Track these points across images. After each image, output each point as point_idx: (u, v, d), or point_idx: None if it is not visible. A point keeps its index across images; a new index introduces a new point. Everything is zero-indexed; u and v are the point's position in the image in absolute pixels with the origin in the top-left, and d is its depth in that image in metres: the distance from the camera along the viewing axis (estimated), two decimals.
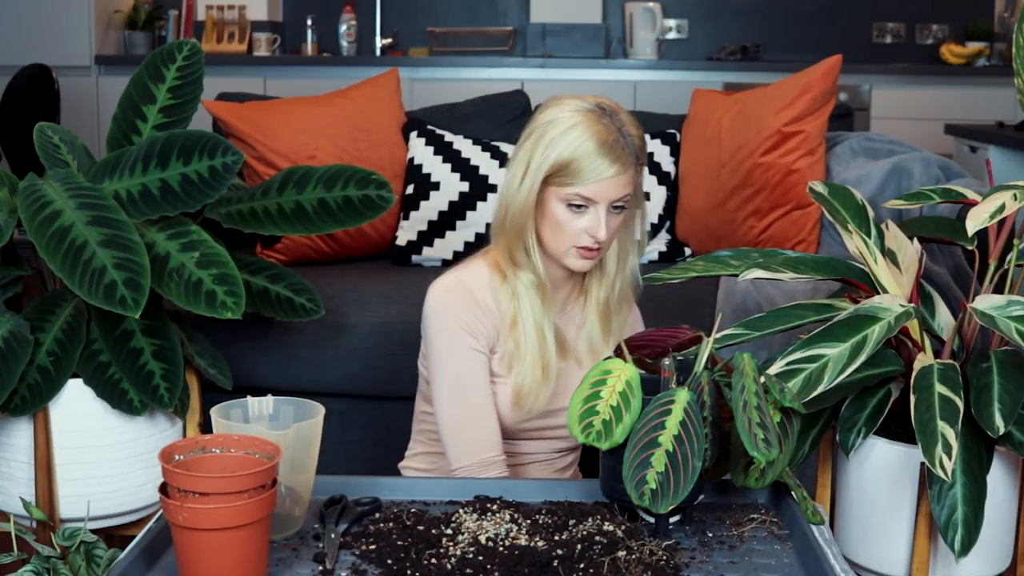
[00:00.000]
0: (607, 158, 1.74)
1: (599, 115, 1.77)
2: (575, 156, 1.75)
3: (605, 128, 1.76)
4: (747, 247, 2.36)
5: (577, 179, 1.75)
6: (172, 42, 2.23)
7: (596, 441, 1.42)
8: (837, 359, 1.67)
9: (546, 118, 1.79)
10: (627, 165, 1.77)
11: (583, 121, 1.76)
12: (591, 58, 5.64)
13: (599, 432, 1.42)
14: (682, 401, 1.40)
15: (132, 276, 1.85)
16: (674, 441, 1.37)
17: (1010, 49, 4.20)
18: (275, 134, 2.93)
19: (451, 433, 1.82)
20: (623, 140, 1.77)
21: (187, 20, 5.79)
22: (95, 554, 1.44)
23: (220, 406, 1.46)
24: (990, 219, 1.72)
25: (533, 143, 1.79)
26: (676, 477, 1.36)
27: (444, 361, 1.82)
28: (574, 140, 1.75)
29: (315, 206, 2.25)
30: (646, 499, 1.35)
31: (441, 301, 1.83)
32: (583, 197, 1.76)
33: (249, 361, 2.54)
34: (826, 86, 2.70)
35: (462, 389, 1.81)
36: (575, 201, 1.77)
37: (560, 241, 1.80)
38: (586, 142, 1.75)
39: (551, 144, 1.76)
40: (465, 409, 1.81)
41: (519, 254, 1.82)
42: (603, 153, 1.74)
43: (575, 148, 1.75)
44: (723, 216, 2.82)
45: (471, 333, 1.81)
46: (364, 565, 1.35)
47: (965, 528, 1.68)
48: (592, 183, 1.75)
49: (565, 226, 1.78)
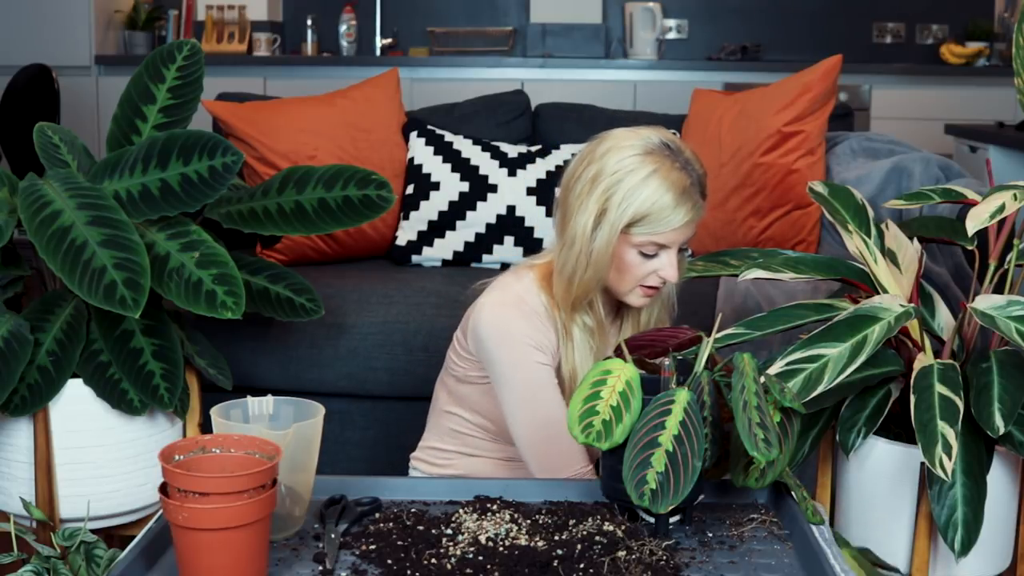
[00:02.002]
0: (685, 207, 1.73)
1: (671, 157, 1.74)
2: (655, 208, 1.72)
3: (681, 174, 1.73)
4: (747, 247, 2.36)
5: (654, 228, 1.73)
6: (172, 42, 2.23)
7: (596, 441, 1.42)
8: (837, 359, 1.67)
9: (614, 164, 1.73)
10: (699, 208, 1.76)
11: (659, 168, 1.72)
12: (591, 58, 5.64)
13: (599, 432, 1.42)
14: (682, 401, 1.40)
15: (132, 276, 1.85)
16: (674, 441, 1.37)
17: (1010, 49, 4.20)
18: (275, 134, 2.93)
19: (535, 450, 1.80)
20: (697, 183, 1.75)
21: (187, 20, 5.79)
22: (95, 554, 1.44)
23: (220, 406, 1.46)
24: (990, 219, 1.72)
25: (605, 192, 1.73)
26: (676, 477, 1.36)
27: (515, 377, 1.79)
28: (654, 191, 1.72)
29: (315, 206, 2.25)
30: (646, 499, 1.35)
31: (502, 317, 1.81)
32: (658, 244, 1.75)
33: (249, 361, 2.54)
34: (826, 86, 2.70)
35: (538, 405, 1.79)
36: (648, 250, 1.76)
37: (626, 283, 1.79)
38: (666, 194, 1.72)
39: (628, 196, 1.72)
40: (545, 424, 1.79)
41: (582, 301, 1.80)
42: (682, 203, 1.73)
43: (655, 200, 1.72)
44: (723, 216, 2.82)
45: (538, 347, 1.80)
46: (364, 565, 1.35)
47: (965, 528, 1.68)
48: (669, 231, 1.74)
49: (635, 269, 1.77)
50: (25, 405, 1.99)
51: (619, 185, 1.73)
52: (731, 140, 2.80)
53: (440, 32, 5.89)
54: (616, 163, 1.74)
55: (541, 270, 1.86)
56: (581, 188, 1.76)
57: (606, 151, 1.76)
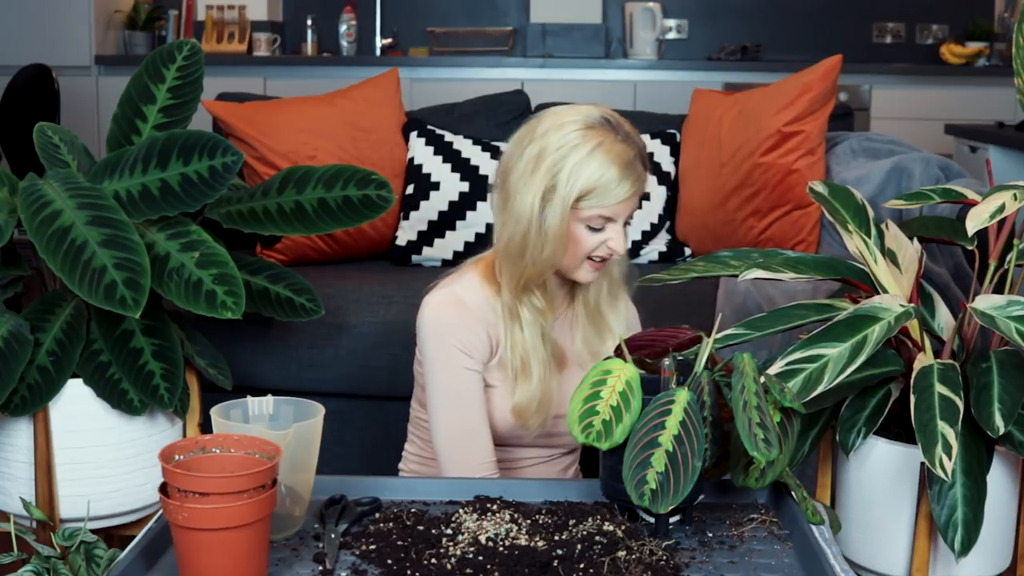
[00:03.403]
0: (630, 178, 1.73)
1: (612, 131, 1.74)
2: (602, 182, 1.72)
3: (623, 146, 1.73)
4: (747, 247, 2.36)
5: (602, 201, 1.73)
6: (172, 42, 2.23)
7: (596, 441, 1.42)
8: (837, 359, 1.67)
9: (557, 140, 1.74)
10: (642, 179, 1.76)
11: (603, 142, 1.72)
12: (591, 58, 5.64)
13: (599, 432, 1.42)
14: (682, 401, 1.40)
15: (132, 276, 1.85)
16: (674, 441, 1.37)
17: (1010, 49, 4.20)
18: (275, 134, 2.93)
19: (445, 448, 1.82)
20: (639, 156, 1.75)
21: (187, 20, 5.79)
22: (95, 554, 1.44)
23: (220, 406, 1.46)
24: (990, 219, 1.72)
25: (551, 168, 1.73)
26: (676, 477, 1.36)
27: (439, 378, 1.81)
28: (600, 165, 1.71)
29: (315, 206, 2.25)
30: (646, 499, 1.35)
31: (435, 318, 1.81)
32: (605, 218, 1.75)
33: (249, 361, 2.54)
34: (826, 86, 2.70)
35: (457, 408, 1.81)
36: (596, 223, 1.75)
37: (575, 258, 1.78)
38: (611, 167, 1.71)
39: (575, 171, 1.72)
40: (460, 427, 1.81)
41: (535, 281, 1.80)
42: (627, 175, 1.72)
43: (602, 174, 1.71)
44: (723, 216, 2.82)
45: (466, 352, 1.80)
46: (364, 565, 1.35)
47: (965, 528, 1.68)
48: (616, 204, 1.74)
49: (583, 243, 1.76)
50: (25, 405, 1.99)
51: (565, 161, 1.72)
52: (731, 140, 2.80)
53: (440, 32, 5.89)
54: (559, 139, 1.73)
55: (484, 263, 1.86)
56: (524, 167, 1.75)
57: (547, 129, 1.75)
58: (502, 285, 1.81)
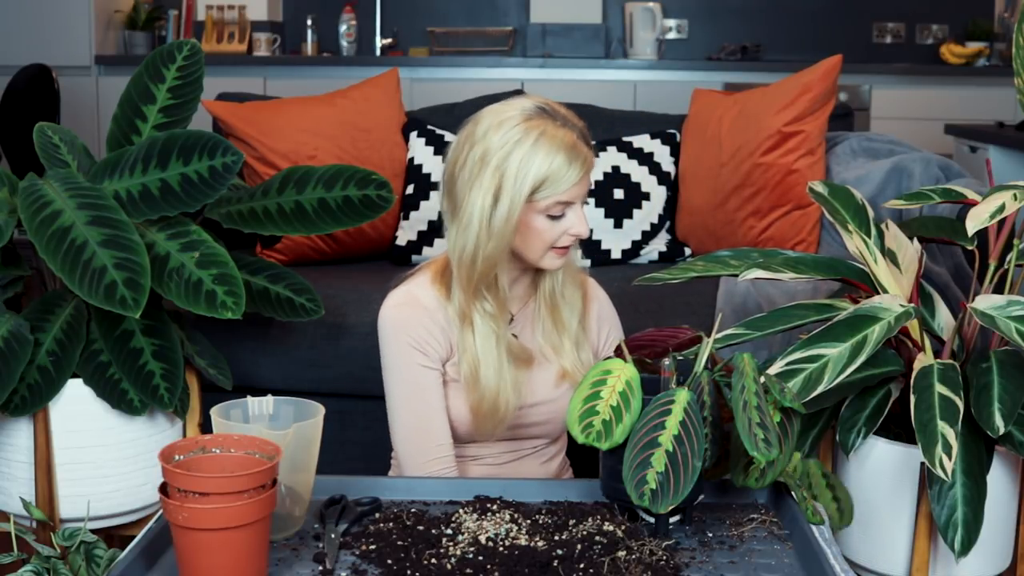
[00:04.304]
0: (578, 161, 1.73)
1: (551, 118, 1.75)
2: (552, 170, 1.72)
3: (564, 131, 1.74)
4: (747, 247, 2.36)
5: (556, 189, 1.73)
6: (172, 42, 2.23)
7: (596, 441, 1.42)
8: (837, 359, 1.67)
9: (499, 140, 1.73)
10: (591, 161, 1.77)
11: (544, 131, 1.73)
12: (591, 58, 5.64)
13: (599, 432, 1.42)
14: (682, 401, 1.40)
15: (132, 276, 1.85)
16: (674, 441, 1.37)
17: (1010, 49, 4.20)
18: (275, 134, 2.93)
19: (401, 443, 1.83)
20: (581, 137, 1.77)
21: (187, 20, 5.79)
22: (95, 554, 1.44)
23: (220, 406, 1.46)
24: (990, 219, 1.72)
25: (497, 168, 1.73)
26: (676, 477, 1.36)
27: (394, 376, 1.82)
28: (546, 155, 1.72)
29: (315, 206, 2.25)
30: (646, 499, 1.35)
31: (391, 317, 1.82)
32: (563, 203, 1.75)
33: (249, 361, 2.54)
34: (826, 86, 2.70)
35: (411, 403, 1.81)
36: (556, 212, 1.75)
37: (538, 249, 1.78)
38: (557, 154, 1.72)
39: (523, 166, 1.72)
40: (415, 423, 1.81)
41: (484, 284, 1.80)
42: (574, 158, 1.73)
43: (550, 163, 1.72)
44: (723, 216, 2.82)
45: (421, 350, 1.80)
46: (364, 565, 1.35)
47: (965, 528, 1.68)
48: (570, 188, 1.74)
49: (545, 234, 1.77)
50: (25, 405, 1.99)
51: (510, 158, 1.72)
52: (731, 140, 2.80)
53: (440, 32, 5.89)
54: (501, 138, 1.74)
55: (436, 265, 1.87)
56: (470, 171, 1.75)
57: (486, 129, 1.76)
58: (453, 289, 1.81)
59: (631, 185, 2.97)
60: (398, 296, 1.84)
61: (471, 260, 1.77)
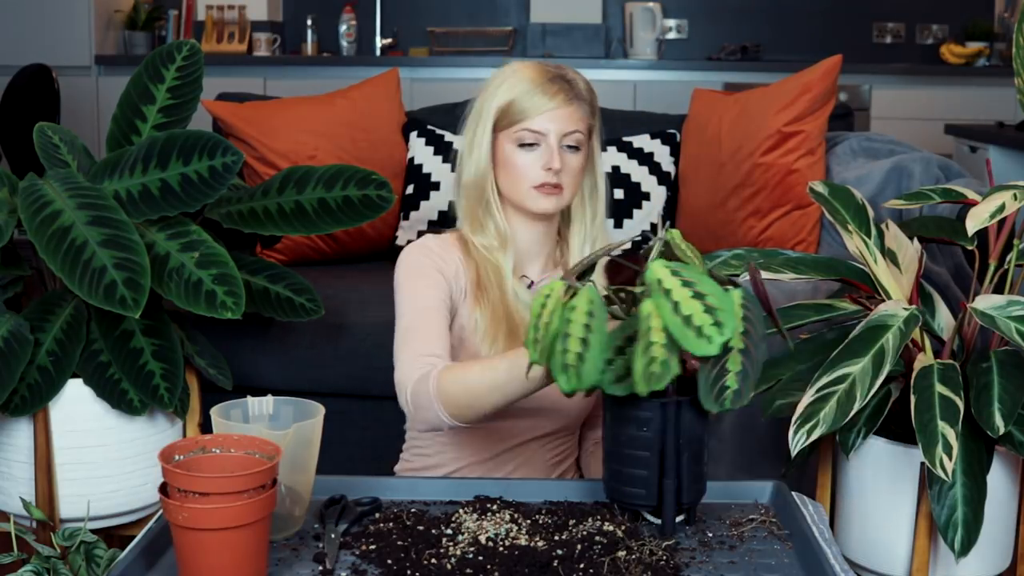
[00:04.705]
0: (547, 92, 1.81)
1: (537, 63, 1.87)
2: (515, 95, 1.81)
3: (541, 67, 1.84)
4: (747, 247, 2.36)
5: (523, 116, 1.81)
6: (171, 42, 2.23)
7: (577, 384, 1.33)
8: (861, 375, 1.67)
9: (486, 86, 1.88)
10: (570, 98, 1.82)
11: (519, 68, 1.85)
12: (591, 58, 5.64)
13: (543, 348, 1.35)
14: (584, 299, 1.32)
15: (132, 276, 1.85)
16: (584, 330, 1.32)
17: (1010, 49, 4.20)
18: (275, 134, 2.93)
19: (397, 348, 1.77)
20: (562, 77, 1.83)
21: (187, 20, 5.79)
22: (95, 554, 1.44)
23: (220, 406, 1.46)
24: (990, 219, 1.72)
25: (476, 103, 1.87)
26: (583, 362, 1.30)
27: (404, 284, 1.82)
28: (513, 83, 1.83)
29: (315, 206, 2.25)
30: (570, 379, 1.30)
31: (416, 248, 1.87)
32: (532, 132, 1.81)
33: (249, 361, 2.54)
34: (826, 86, 2.70)
35: (414, 300, 1.80)
36: (526, 139, 1.81)
37: (518, 185, 1.83)
38: (524, 81, 1.82)
39: (491, 95, 1.84)
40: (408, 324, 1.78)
41: (481, 210, 1.86)
42: (542, 88, 1.81)
43: (514, 89, 1.82)
44: (723, 216, 2.82)
45: (439, 270, 1.83)
46: (364, 565, 1.35)
47: (965, 528, 1.68)
48: (537, 116, 1.80)
49: (521, 167, 1.82)
50: (25, 405, 1.99)
51: (485, 91, 1.86)
52: (731, 140, 2.80)
53: (440, 32, 5.89)
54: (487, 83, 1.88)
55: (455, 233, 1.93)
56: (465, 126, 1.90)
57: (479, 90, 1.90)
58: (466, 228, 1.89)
59: (631, 185, 2.97)
60: (420, 240, 1.90)
61: (461, 190, 1.88)
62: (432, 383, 1.64)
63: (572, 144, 1.83)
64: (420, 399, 1.66)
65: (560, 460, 1.95)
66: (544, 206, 1.83)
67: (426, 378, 1.66)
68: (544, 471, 1.92)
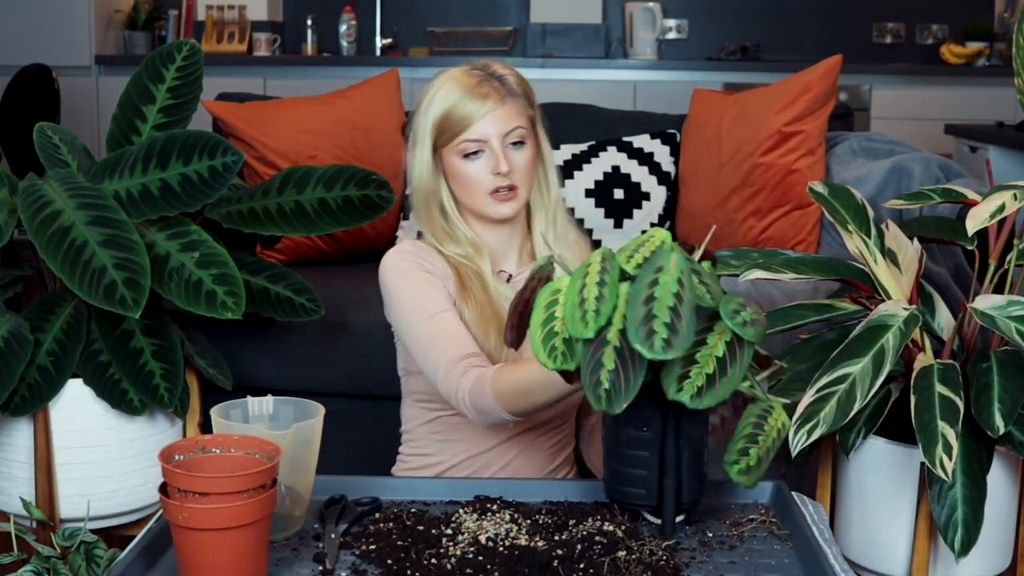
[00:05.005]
0: (478, 97, 1.81)
1: (464, 69, 1.86)
2: (447, 108, 1.81)
3: (468, 75, 1.84)
4: (747, 247, 2.36)
5: (460, 127, 1.81)
6: (171, 42, 2.23)
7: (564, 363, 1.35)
8: (862, 375, 1.66)
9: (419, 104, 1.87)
10: (502, 97, 1.82)
11: (445, 79, 1.84)
12: (591, 58, 5.64)
13: (563, 352, 1.35)
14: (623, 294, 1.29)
15: (132, 276, 1.85)
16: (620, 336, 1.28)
17: (1010, 49, 4.20)
18: (275, 134, 2.93)
19: (423, 352, 1.79)
20: (491, 79, 1.84)
21: (187, 20, 5.79)
22: (95, 554, 1.44)
23: (220, 406, 1.46)
24: (990, 219, 1.72)
25: (412, 123, 1.87)
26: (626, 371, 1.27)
27: (404, 293, 1.83)
28: (442, 97, 1.82)
29: (315, 206, 2.25)
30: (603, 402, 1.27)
31: (396, 254, 1.88)
32: (472, 140, 1.81)
33: (249, 361, 2.54)
34: (826, 86, 2.70)
35: (424, 308, 1.81)
36: (469, 149, 1.82)
37: (474, 194, 1.84)
38: (452, 92, 1.82)
39: (424, 113, 1.84)
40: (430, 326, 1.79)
41: (444, 225, 1.88)
42: (472, 94, 1.81)
43: (445, 102, 1.82)
44: (723, 216, 2.82)
45: (428, 271, 1.84)
46: (364, 565, 1.35)
47: (965, 528, 1.68)
48: (474, 123, 1.81)
49: (471, 178, 1.83)
50: (25, 405, 1.99)
51: (418, 109, 1.86)
52: (731, 140, 2.80)
53: (440, 32, 5.89)
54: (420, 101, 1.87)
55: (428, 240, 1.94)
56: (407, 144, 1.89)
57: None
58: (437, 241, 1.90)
59: (631, 185, 2.96)
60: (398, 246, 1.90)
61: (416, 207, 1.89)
62: (488, 391, 1.68)
63: (516, 140, 1.83)
64: (483, 405, 1.70)
65: (559, 449, 1.95)
66: (503, 212, 1.84)
67: (482, 386, 1.69)
68: (543, 460, 1.92)
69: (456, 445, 1.90)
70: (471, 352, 1.77)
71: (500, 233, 1.91)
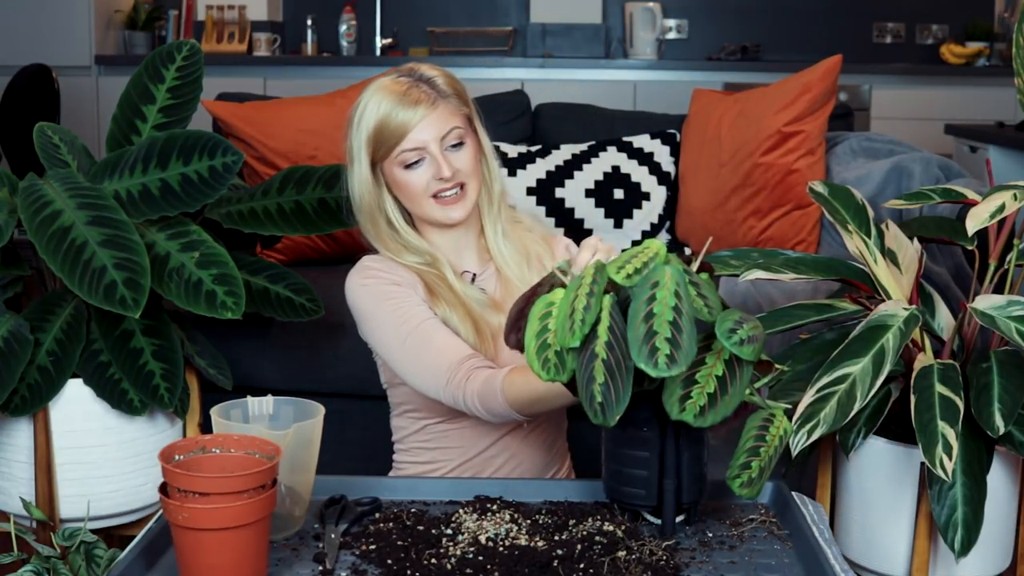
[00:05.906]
0: (408, 104, 1.78)
1: (391, 77, 1.83)
2: (380, 120, 1.79)
3: (396, 83, 1.81)
4: (747, 247, 2.36)
5: (395, 139, 1.79)
6: (171, 42, 2.23)
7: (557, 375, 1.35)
8: (862, 375, 1.66)
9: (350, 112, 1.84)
10: (433, 101, 1.80)
11: (373, 93, 1.81)
12: (591, 58, 5.64)
13: (556, 364, 1.35)
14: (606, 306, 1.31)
15: (132, 276, 1.85)
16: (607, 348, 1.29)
17: (1010, 49, 4.20)
18: (275, 134, 2.93)
19: (414, 366, 1.79)
20: (419, 84, 1.81)
21: (187, 20, 5.79)
22: (95, 554, 1.44)
23: (220, 406, 1.46)
24: (990, 219, 1.72)
25: (347, 142, 1.83)
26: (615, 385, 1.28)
27: (378, 312, 1.82)
28: (372, 111, 1.80)
29: (315, 206, 2.25)
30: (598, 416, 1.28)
31: (359, 274, 1.87)
32: (410, 150, 1.79)
33: (249, 361, 2.54)
34: (826, 86, 2.70)
35: (404, 322, 1.80)
36: (409, 160, 1.80)
37: (419, 202, 1.83)
38: (383, 102, 1.79)
39: (358, 126, 1.81)
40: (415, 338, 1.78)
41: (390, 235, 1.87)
42: (402, 103, 1.78)
43: (376, 116, 1.79)
44: (723, 216, 2.82)
45: (395, 283, 1.83)
46: (364, 565, 1.35)
47: (965, 528, 1.68)
48: (408, 132, 1.78)
49: (415, 187, 1.81)
50: (25, 405, 1.99)
51: (350, 124, 1.82)
52: (731, 140, 2.80)
53: (440, 32, 5.89)
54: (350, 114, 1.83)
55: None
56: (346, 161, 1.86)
57: None
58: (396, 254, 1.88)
59: (631, 185, 2.97)
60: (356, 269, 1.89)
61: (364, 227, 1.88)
62: (500, 397, 1.68)
63: (455, 142, 1.82)
64: (495, 409, 1.70)
65: (551, 442, 1.95)
66: (455, 216, 1.84)
67: (493, 392, 1.69)
68: (539, 455, 1.92)
69: (448, 452, 1.90)
70: (468, 354, 1.76)
71: (454, 235, 1.90)
